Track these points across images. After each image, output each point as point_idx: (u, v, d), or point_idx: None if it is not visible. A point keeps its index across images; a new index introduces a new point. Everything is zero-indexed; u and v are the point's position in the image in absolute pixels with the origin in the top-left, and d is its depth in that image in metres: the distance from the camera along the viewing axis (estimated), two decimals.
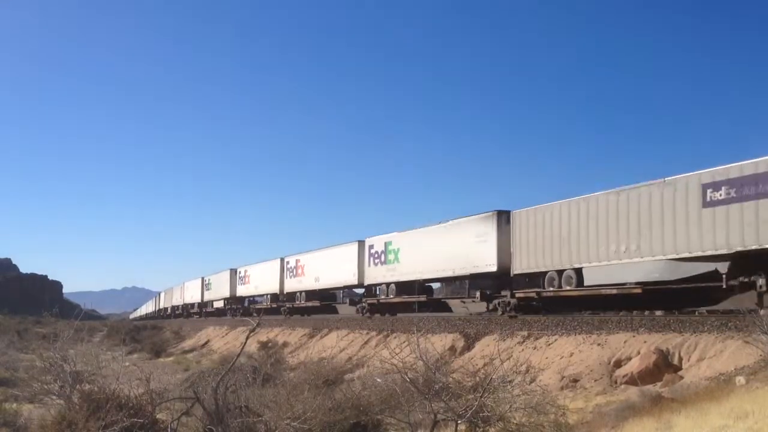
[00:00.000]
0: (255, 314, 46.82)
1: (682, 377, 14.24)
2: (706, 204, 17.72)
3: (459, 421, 10.13)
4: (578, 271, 21.89)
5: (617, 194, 20.53)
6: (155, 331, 60.45)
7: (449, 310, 30.80)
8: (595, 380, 15.68)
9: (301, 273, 43.46)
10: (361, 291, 37.69)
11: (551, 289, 23.09)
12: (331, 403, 10.79)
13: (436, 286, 33.43)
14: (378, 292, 35.11)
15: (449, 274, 28.64)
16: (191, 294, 71.39)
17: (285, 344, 33.99)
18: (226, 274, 58.21)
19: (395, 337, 25.32)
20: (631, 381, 14.70)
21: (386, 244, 33.39)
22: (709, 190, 17.69)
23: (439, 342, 21.86)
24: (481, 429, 10.16)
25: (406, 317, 30.18)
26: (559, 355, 17.96)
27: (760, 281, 16.55)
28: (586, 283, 21.58)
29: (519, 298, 24.83)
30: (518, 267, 24.56)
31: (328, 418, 10.16)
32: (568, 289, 22.29)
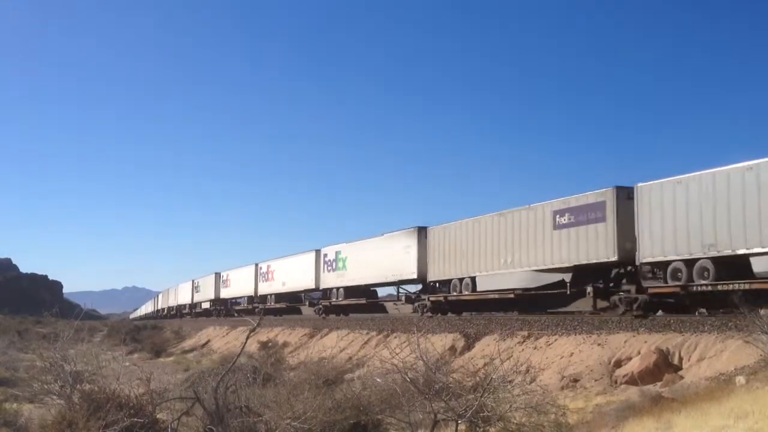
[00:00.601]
0: (236, 315, 53.92)
1: (682, 377, 14.24)
2: (556, 227, 22.65)
3: (459, 421, 10.13)
4: (473, 279, 26.85)
5: (500, 216, 25.51)
6: (155, 331, 60.37)
7: (385, 311, 36.18)
8: (596, 380, 15.68)
9: (271, 278, 48.29)
10: (319, 294, 41.94)
11: (455, 293, 28.16)
12: (331, 402, 10.79)
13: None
14: (331, 296, 39.44)
15: (384, 279, 33.80)
16: (183, 296, 75.06)
17: (285, 344, 33.98)
18: (212, 278, 62.35)
19: (395, 337, 25.32)
20: (632, 381, 14.70)
21: (337, 253, 38.59)
22: (557, 216, 22.60)
23: (439, 342, 21.84)
24: (482, 429, 10.17)
25: (406, 318, 30.92)
26: (560, 355, 17.96)
27: (589, 288, 21.67)
28: (478, 289, 26.58)
29: (432, 301, 29.73)
30: (432, 275, 29.80)
31: (328, 418, 10.16)
32: (466, 294, 27.37)
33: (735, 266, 17.41)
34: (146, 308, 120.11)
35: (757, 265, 16.87)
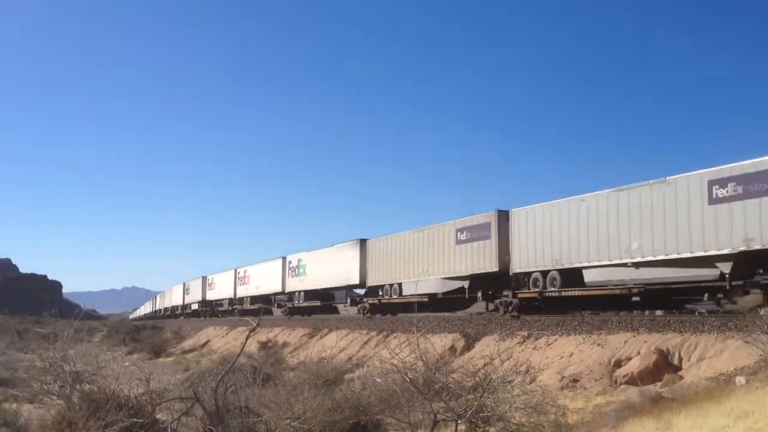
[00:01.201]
0: (219, 315, 59.16)
1: (682, 377, 14.24)
2: (458, 242, 27.48)
3: (459, 421, 10.13)
4: (400, 285, 31.93)
5: (418, 232, 30.58)
6: (155, 331, 60.30)
7: (338, 312, 40.38)
8: (595, 380, 15.68)
9: (247, 282, 53.09)
10: (285, 297, 46.67)
11: (386, 297, 33.08)
12: (331, 403, 10.78)
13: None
14: (294, 298, 44.42)
15: (335, 284, 38.77)
16: (176, 297, 78.82)
17: (285, 344, 33.98)
18: (199, 281, 66.64)
19: (395, 337, 25.33)
20: (631, 381, 14.70)
21: (299, 261, 43.39)
22: (459, 233, 27.47)
23: (439, 342, 21.85)
24: (481, 429, 10.16)
25: (406, 318, 30.82)
26: (559, 355, 17.96)
27: (479, 294, 26.72)
28: (403, 294, 31.66)
29: (370, 303, 34.51)
30: (371, 281, 34.62)
31: (328, 418, 10.16)
32: (395, 298, 32.38)
33: (574, 277, 22.29)
34: (145, 309, 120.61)
35: (587, 276, 21.98)
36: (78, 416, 9.91)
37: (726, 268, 17.57)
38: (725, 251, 17.41)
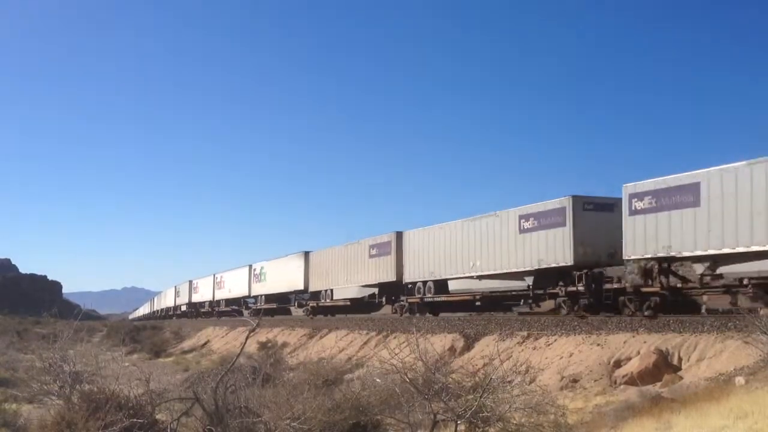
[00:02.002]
0: (202, 316, 65.61)
1: (681, 377, 14.25)
2: (370, 257, 34.18)
3: (459, 422, 10.13)
4: (332, 291, 38.87)
5: (345, 247, 37.58)
6: (155, 331, 60.36)
7: (290, 313, 47.34)
8: (595, 380, 15.69)
9: (223, 286, 59.89)
10: (252, 300, 53.11)
11: (323, 301, 40.31)
12: (330, 403, 10.79)
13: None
14: (258, 301, 50.63)
15: (287, 289, 45.54)
16: (169, 299, 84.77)
17: (284, 344, 33.99)
18: (187, 285, 72.77)
19: (395, 338, 25.32)
20: (631, 381, 14.71)
21: (261, 268, 50.18)
22: (371, 249, 34.35)
23: (439, 342, 21.86)
24: (481, 429, 10.16)
25: (402, 320, 31.14)
26: (559, 355, 17.96)
27: (384, 299, 33.77)
28: (334, 298, 38.75)
29: (312, 306, 42.25)
30: (312, 287, 41.77)
31: (327, 418, 10.15)
32: (328, 302, 39.43)
33: (442, 286, 28.99)
34: (144, 309, 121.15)
35: (451, 286, 28.54)
36: (78, 416, 9.90)
37: (530, 281, 23.99)
38: (529, 268, 23.86)
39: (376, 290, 34.21)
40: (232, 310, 57.08)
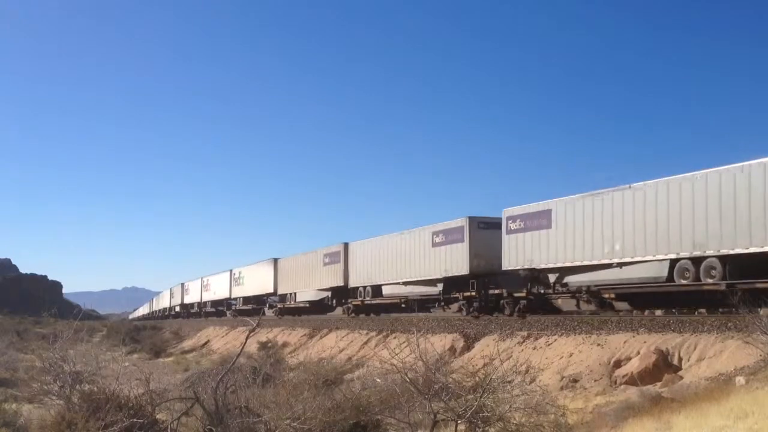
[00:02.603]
0: (192, 317, 70.69)
1: (681, 377, 14.24)
2: (324, 265, 39.29)
3: (459, 421, 10.13)
4: (295, 294, 44.53)
5: (305, 255, 42.78)
6: (155, 331, 60.46)
7: (264, 314, 48.60)
8: (595, 380, 15.68)
9: (208, 289, 65.40)
10: (233, 302, 58.07)
11: (288, 303, 45.99)
12: (330, 403, 10.79)
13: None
14: (237, 303, 56.23)
15: (260, 292, 50.42)
16: (165, 300, 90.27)
17: (284, 344, 34.02)
18: (179, 287, 78.34)
19: (395, 338, 25.33)
20: (631, 381, 14.70)
21: (239, 273, 55.83)
22: (324, 258, 39.42)
23: (439, 342, 21.86)
24: (481, 429, 10.17)
25: (407, 318, 31.36)
26: (559, 355, 17.96)
27: (334, 301, 39.34)
28: (297, 300, 44.36)
29: (279, 307, 47.45)
30: (280, 290, 46.88)
31: (327, 418, 10.16)
32: (292, 304, 45.37)
33: (379, 290, 34.43)
34: (143, 310, 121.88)
35: (384, 290, 34.15)
36: (78, 416, 9.90)
37: (441, 287, 28.79)
38: (439, 276, 28.53)
39: (329, 294, 39.90)
40: (216, 311, 63.86)
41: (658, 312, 22.06)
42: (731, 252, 17.33)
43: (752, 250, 16.77)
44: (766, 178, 16.64)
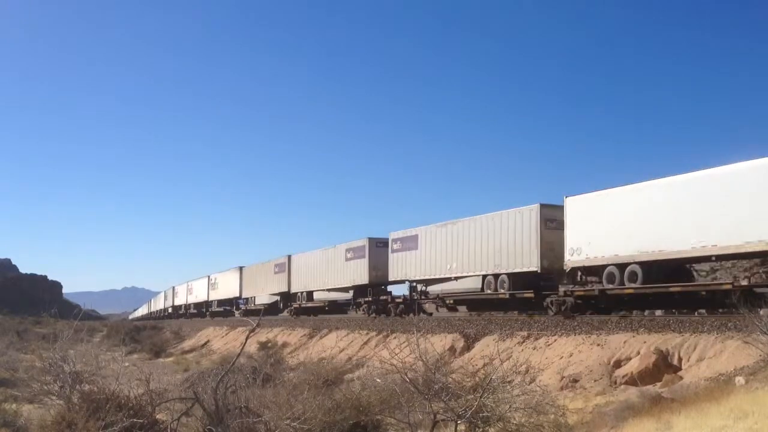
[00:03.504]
0: (180, 318, 77.12)
1: (681, 377, 14.24)
2: (274, 273, 47.27)
3: (459, 421, 10.14)
4: (255, 298, 51.84)
5: (263, 265, 50.27)
6: (155, 331, 60.45)
7: (234, 315, 56.14)
8: (595, 380, 15.68)
9: (192, 292, 74.06)
10: (211, 303, 65.42)
11: (249, 305, 52.00)
12: (330, 403, 10.79)
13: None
14: (213, 305, 64.97)
15: (230, 296, 58.35)
16: (161, 302, 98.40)
17: (285, 344, 34.00)
18: (171, 290, 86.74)
19: (395, 338, 25.33)
20: (631, 381, 14.70)
21: (215, 278, 64.04)
22: (275, 267, 47.57)
23: (439, 342, 21.85)
24: (481, 429, 10.17)
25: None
26: (559, 355, 17.96)
27: (282, 304, 47.50)
28: (256, 303, 50.64)
29: (243, 309, 53.57)
30: (245, 294, 54.82)
31: (328, 418, 10.16)
32: (252, 306, 51.41)
33: (311, 296, 43.39)
34: (142, 310, 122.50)
35: (315, 296, 43.16)
36: (78, 416, 9.91)
37: (351, 293, 37.80)
38: (350, 285, 37.11)
39: (278, 297, 47.74)
40: (197, 312, 71.90)
41: (658, 312, 22.27)
42: (513, 271, 25.26)
43: (523, 270, 24.86)
44: (531, 220, 24.53)
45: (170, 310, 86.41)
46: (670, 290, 19.89)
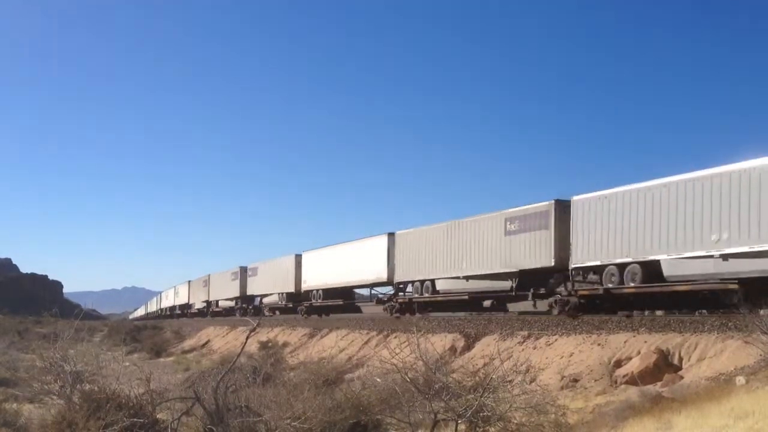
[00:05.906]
0: (178, 317, 79.62)
1: (682, 377, 14.23)
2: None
3: (459, 421, 10.14)
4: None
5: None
6: (155, 331, 60.37)
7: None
8: (595, 380, 15.67)
9: (184, 294, 77.01)
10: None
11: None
12: (331, 402, 10.79)
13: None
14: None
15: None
16: (159, 303, 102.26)
17: (285, 344, 33.97)
18: (172, 290, 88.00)
19: (395, 337, 25.31)
20: (632, 381, 14.68)
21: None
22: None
23: (439, 342, 21.83)
24: (481, 429, 10.17)
25: (405, 319, 31.33)
26: (559, 354, 17.96)
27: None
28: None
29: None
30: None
31: (328, 418, 10.16)
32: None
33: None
34: (141, 310, 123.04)
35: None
36: (78, 416, 9.92)
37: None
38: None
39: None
40: (182, 312, 76.70)
41: (659, 312, 22.30)
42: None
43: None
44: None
45: (168, 310, 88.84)
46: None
